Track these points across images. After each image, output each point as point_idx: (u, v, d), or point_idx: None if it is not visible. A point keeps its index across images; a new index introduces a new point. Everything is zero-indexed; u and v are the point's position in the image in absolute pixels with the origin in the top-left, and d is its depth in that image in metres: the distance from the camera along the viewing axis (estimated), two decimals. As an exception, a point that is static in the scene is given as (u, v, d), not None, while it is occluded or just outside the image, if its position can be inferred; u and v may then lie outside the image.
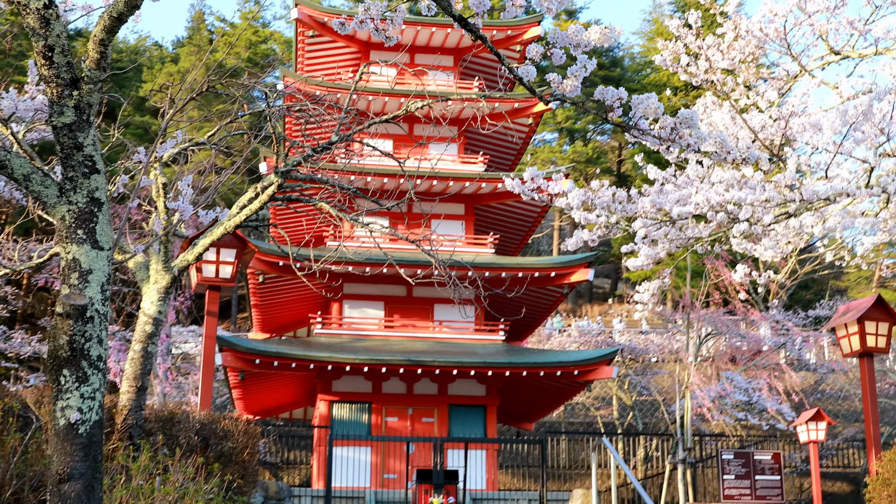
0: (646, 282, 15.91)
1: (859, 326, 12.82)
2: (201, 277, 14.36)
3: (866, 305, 12.87)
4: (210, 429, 11.70)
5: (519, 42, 35.50)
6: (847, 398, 46.67)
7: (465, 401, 31.63)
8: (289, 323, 36.36)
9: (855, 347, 12.92)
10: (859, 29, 15.10)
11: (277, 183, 10.19)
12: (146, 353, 11.76)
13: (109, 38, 6.09)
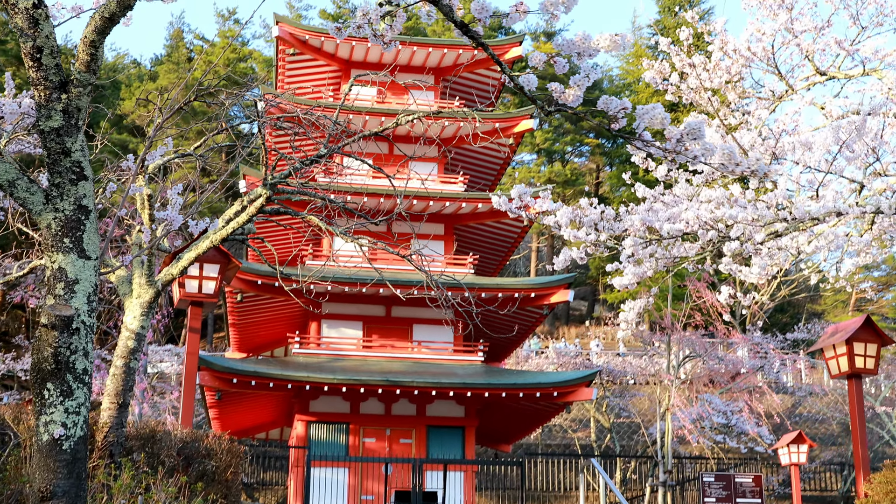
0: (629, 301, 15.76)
1: (848, 347, 12.72)
2: (184, 293, 14.07)
3: (855, 326, 12.76)
4: (192, 447, 11.46)
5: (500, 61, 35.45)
6: (824, 421, 46.70)
7: (444, 422, 31.39)
8: (266, 342, 36.07)
9: (843, 369, 12.81)
10: (847, 49, 15.06)
11: (266, 195, 9.98)
12: (128, 369, 11.50)
13: (101, 40, 5.90)
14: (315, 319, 32.28)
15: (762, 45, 15.01)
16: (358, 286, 30.71)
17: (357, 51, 35.06)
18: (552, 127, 70.97)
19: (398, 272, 32.44)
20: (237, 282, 29.70)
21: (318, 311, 32.18)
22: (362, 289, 30.97)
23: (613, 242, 12.70)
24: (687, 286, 30.79)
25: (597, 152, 73.22)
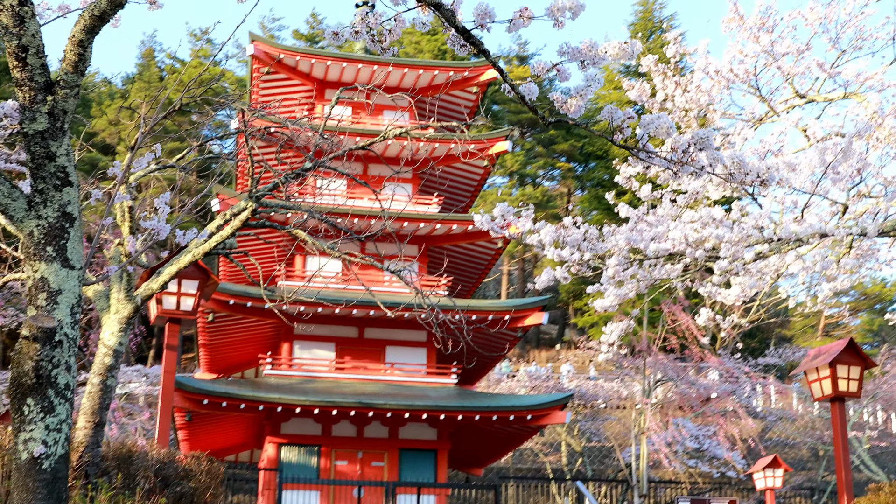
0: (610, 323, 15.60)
1: (831, 371, 12.60)
2: (161, 309, 13.77)
3: (838, 349, 12.64)
4: (170, 468, 11.17)
5: (475, 84, 35.39)
6: (794, 446, 46.74)
7: (417, 445, 31.11)
8: (237, 363, 35.68)
9: (826, 392, 12.68)
10: (828, 71, 15.05)
11: (251, 208, 9.76)
12: (105, 387, 11.22)
13: (89, 39, 5.68)
14: (287, 340, 31.97)
15: (744, 66, 14.98)
16: (332, 307, 30.43)
17: (332, 70, 34.91)
18: (524, 150, 71.06)
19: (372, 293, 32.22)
20: (209, 301, 29.37)
21: (291, 332, 31.88)
22: (335, 310, 30.69)
23: (597, 262, 12.55)
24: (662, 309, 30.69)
25: (568, 176, 73.29)
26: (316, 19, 76.11)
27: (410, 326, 32.56)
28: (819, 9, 15.50)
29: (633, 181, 14.00)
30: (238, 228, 9.71)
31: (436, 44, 70.43)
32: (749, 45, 14.90)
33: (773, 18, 15.18)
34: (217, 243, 9.71)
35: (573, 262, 12.32)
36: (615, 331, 14.92)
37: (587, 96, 5.56)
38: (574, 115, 5.67)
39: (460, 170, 35.89)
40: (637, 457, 32.05)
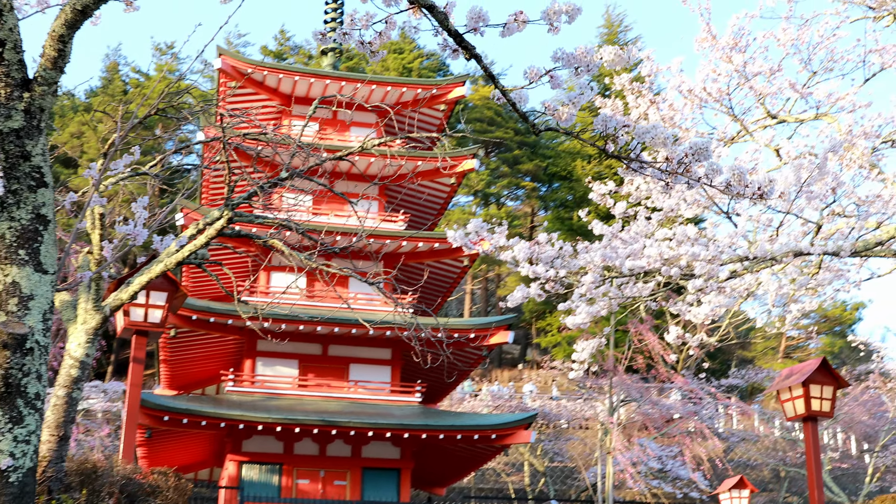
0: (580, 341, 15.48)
1: (804, 390, 12.54)
2: (129, 321, 13.44)
3: (811, 368, 12.58)
4: (136, 484, 10.89)
5: (443, 101, 35.32)
6: (755, 467, 46.82)
7: (379, 464, 30.85)
8: (199, 380, 35.30)
9: (799, 411, 12.61)
10: (800, 91, 15.06)
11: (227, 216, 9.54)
12: (70, 400, 10.93)
13: (70, 34, 5.47)
14: (250, 357, 31.64)
15: (717, 85, 14.94)
16: (296, 324, 30.18)
17: (300, 86, 34.72)
18: (489, 169, 71.14)
19: (336, 311, 31.99)
20: (171, 317, 29.01)
21: (254, 349, 31.57)
22: (299, 327, 30.44)
23: (572, 279, 12.44)
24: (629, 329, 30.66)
25: (532, 196, 73.41)
26: (284, 36, 75.88)
27: (375, 344, 32.37)
28: (791, 30, 15.51)
29: (608, 198, 13.93)
30: (213, 237, 9.49)
31: (402, 61, 70.46)
32: (722, 65, 14.88)
33: (746, 39, 15.17)
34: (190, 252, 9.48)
35: (547, 278, 12.19)
36: (587, 348, 14.83)
37: (580, 104, 5.43)
38: (565, 123, 5.54)
39: (427, 187, 35.79)
40: (601, 476, 31.92)
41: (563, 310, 14.25)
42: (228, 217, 9.47)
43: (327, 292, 33.10)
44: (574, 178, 70.49)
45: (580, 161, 70.42)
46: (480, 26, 5.02)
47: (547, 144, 76.32)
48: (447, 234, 12.84)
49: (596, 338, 14.76)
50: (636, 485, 33.99)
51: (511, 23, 5.01)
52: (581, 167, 70.10)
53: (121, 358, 55.50)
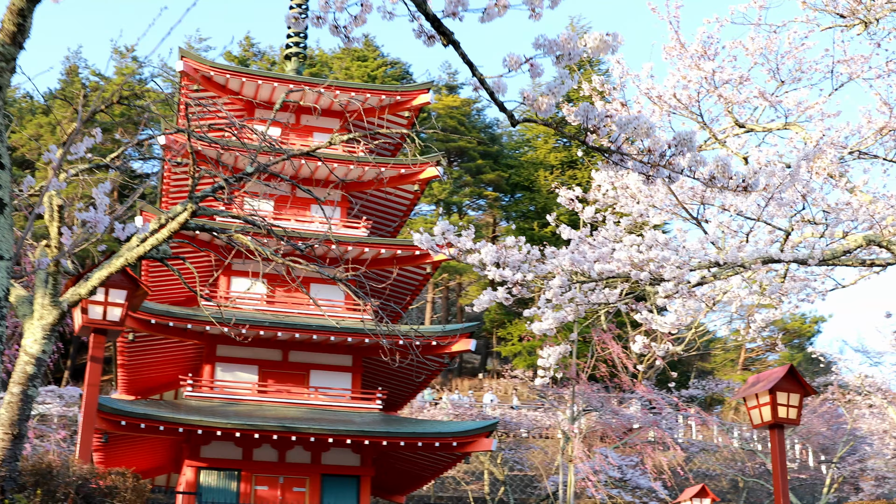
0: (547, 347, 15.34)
1: (771, 397, 12.46)
2: (87, 319, 13.09)
3: (778, 376, 12.51)
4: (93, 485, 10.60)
5: (407, 108, 35.14)
6: (714, 478, 46.96)
7: (339, 471, 30.58)
8: (157, 385, 34.84)
9: (766, 418, 12.54)
10: (769, 100, 15.03)
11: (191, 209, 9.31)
12: (26, 397, 10.61)
13: (31, 8, 5.25)
14: (209, 362, 31.29)
15: (687, 92, 14.88)
16: (257, 329, 29.88)
17: (262, 90, 34.43)
18: (452, 179, 71.08)
19: (296, 316, 31.74)
20: (129, 320, 28.63)
21: (213, 354, 31.23)
22: (259, 332, 30.14)
23: (539, 283, 12.30)
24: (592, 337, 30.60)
25: (494, 206, 73.46)
26: (248, 41, 75.46)
27: (336, 350, 32.11)
28: (760, 39, 15.49)
29: (576, 202, 13.83)
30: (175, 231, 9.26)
31: (365, 69, 70.31)
32: (691, 72, 14.82)
33: (715, 47, 15.13)
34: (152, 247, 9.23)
35: (514, 282, 12.04)
36: (553, 355, 14.68)
37: (560, 94, 5.29)
38: (544, 113, 5.39)
39: (390, 194, 35.60)
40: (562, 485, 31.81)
41: (528, 316, 14.12)
42: (192, 210, 9.24)
43: (288, 298, 32.84)
44: (536, 189, 70.62)
45: (543, 172, 70.55)
46: (459, 11, 4.87)
47: (510, 154, 76.45)
48: (414, 237, 12.66)
49: (562, 344, 14.63)
50: (597, 493, 33.93)
51: (491, 7, 4.85)
52: (544, 178, 70.22)
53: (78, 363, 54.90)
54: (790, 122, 15.07)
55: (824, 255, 12.76)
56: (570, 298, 13.20)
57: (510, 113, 5.48)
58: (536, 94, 5.27)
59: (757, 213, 11.70)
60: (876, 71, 15.70)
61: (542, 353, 14.74)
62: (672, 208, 13.53)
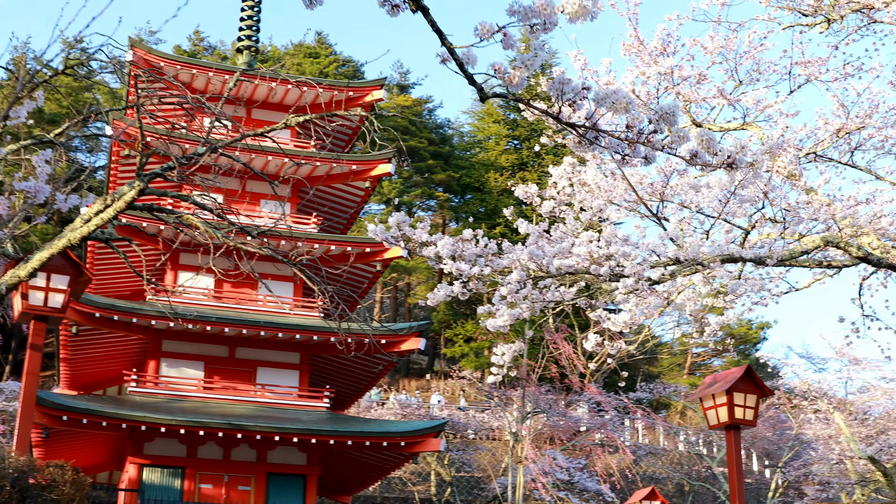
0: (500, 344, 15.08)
1: (728, 398, 12.30)
2: (27, 305, 12.56)
3: (735, 376, 12.35)
4: (30, 478, 10.18)
5: (360, 104, 34.81)
6: (660, 481, 47.02)
7: (285, 469, 30.17)
8: (100, 380, 34.21)
9: (723, 419, 12.37)
10: (728, 98, 14.90)
11: (139, 188, 8.94)
12: (-38, 385, 10.21)
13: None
14: (154, 358, 30.74)
15: (646, 88, 14.71)
16: (203, 324, 29.41)
17: (213, 83, 33.94)
18: (402, 178, 70.80)
19: (244, 312, 31.31)
20: (73, 313, 28.05)
21: (158, 349, 30.69)
22: (206, 327, 29.67)
23: (498, 277, 12.06)
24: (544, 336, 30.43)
25: (445, 206, 73.24)
26: (198, 36, 74.69)
27: (283, 348, 31.71)
28: (719, 38, 15.36)
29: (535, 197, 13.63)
30: (122, 210, 8.89)
31: (318, 66, 69.86)
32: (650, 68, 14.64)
33: (674, 45, 14.98)
34: (97, 227, 8.85)
35: (470, 276, 11.79)
36: (507, 353, 14.44)
37: (533, 67, 5.03)
38: (515, 88, 5.13)
39: (341, 190, 35.24)
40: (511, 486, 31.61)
41: (482, 313, 13.86)
42: (140, 188, 8.87)
43: (236, 294, 32.39)
44: (487, 191, 70.50)
45: (494, 173, 70.45)
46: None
47: (461, 156, 76.29)
48: (368, 228, 12.38)
49: (517, 342, 14.39)
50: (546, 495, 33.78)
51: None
52: (494, 179, 70.11)
53: (20, 358, 53.89)
54: (748, 121, 14.96)
55: (783, 256, 12.63)
56: (525, 295, 12.97)
57: (480, 86, 5.22)
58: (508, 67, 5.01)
59: (718, 209, 11.53)
60: (833, 73, 15.67)
61: (497, 350, 14.49)
62: (631, 205, 13.36)
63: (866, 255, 13.35)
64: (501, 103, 77.00)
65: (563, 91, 5.03)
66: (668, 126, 5.19)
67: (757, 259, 12.12)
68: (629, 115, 5.20)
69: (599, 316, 15.09)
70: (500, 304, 13.32)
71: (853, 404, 41.62)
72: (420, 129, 75.23)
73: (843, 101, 15.63)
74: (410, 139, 71.47)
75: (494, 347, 14.68)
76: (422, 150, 71.10)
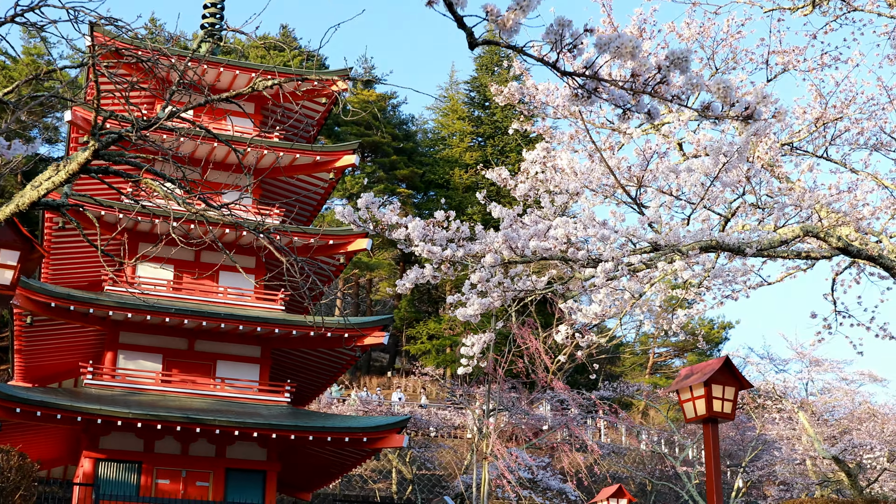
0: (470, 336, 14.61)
1: (706, 390, 11.88)
2: (-27, 283, 11.91)
3: (713, 368, 11.95)
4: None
5: (324, 95, 34.23)
6: (623, 480, 46.78)
7: (245, 465, 29.58)
8: (56, 372, 33.41)
9: (700, 412, 11.94)
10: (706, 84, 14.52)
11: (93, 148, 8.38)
12: None
13: None
14: (111, 349, 30.02)
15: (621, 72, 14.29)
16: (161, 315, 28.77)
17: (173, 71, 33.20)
18: (365, 174, 70.23)
19: (203, 304, 30.69)
20: (28, 303, 27.34)
21: (116, 341, 29.99)
22: (165, 319, 29.01)
23: (470, 261, 11.60)
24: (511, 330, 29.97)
25: (408, 202, 72.66)
26: (155, 24, 73.72)
27: (244, 341, 31.11)
28: (696, 25, 15.01)
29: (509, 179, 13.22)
30: (76, 173, 8.34)
31: (282, 59, 69.10)
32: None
33: (651, 31, 14.61)
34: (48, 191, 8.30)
35: (442, 259, 11.33)
36: (477, 343, 13.98)
37: (530, 8, 4.57)
38: (509, 33, 4.68)
39: (304, 182, 34.66)
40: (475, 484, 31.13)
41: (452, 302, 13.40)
42: (94, 149, 8.31)
43: (196, 286, 31.75)
44: (451, 188, 70.02)
45: (458, 170, 70.02)
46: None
47: (424, 152, 75.83)
48: (336, 209, 11.90)
49: (488, 331, 13.95)
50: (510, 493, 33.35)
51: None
52: (459, 176, 69.66)
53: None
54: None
55: (761, 245, 12.27)
56: (496, 283, 12.53)
57: (470, 30, 4.76)
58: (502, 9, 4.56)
59: (699, 194, 11.13)
60: (810, 63, 15.37)
61: (466, 341, 14.02)
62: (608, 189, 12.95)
63: (846, 245, 13.03)
64: (466, 100, 76.61)
65: (561, 36, 4.58)
66: (680, 72, 4.77)
67: (737, 247, 11.74)
68: (635, 61, 4.77)
69: (570, 307, 14.69)
70: (471, 294, 12.89)
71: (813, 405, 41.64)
72: (384, 124, 74.70)
73: (820, 90, 15.35)
74: (374, 134, 70.96)
75: (464, 339, 14.23)
76: (385, 146, 70.58)
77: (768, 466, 43.52)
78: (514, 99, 15.08)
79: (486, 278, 12.36)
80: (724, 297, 15.33)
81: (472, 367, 13.99)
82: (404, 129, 78.74)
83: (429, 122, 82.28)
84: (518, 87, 14.66)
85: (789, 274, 15.93)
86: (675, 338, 72.47)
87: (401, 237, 11.76)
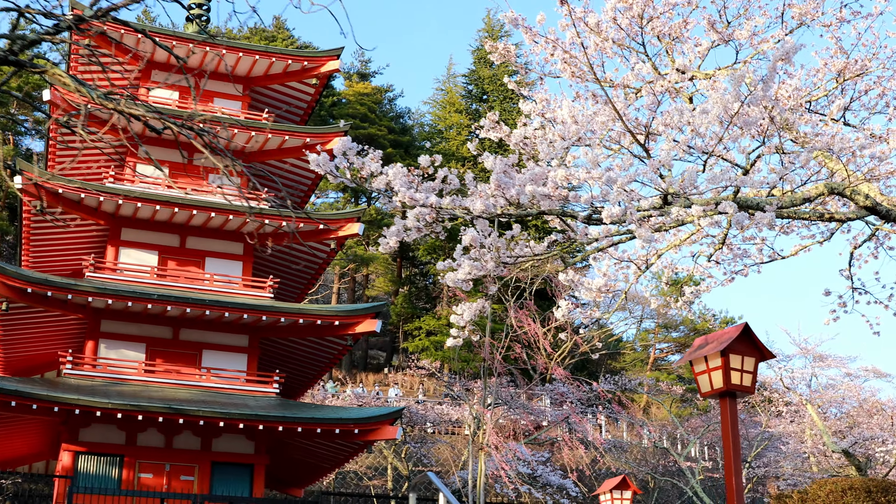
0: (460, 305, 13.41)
1: (723, 360, 10.65)
2: None
3: (731, 336, 10.71)
4: None
5: (315, 75, 33.05)
6: (623, 477, 45.72)
7: (231, 458, 28.37)
8: (37, 364, 32.17)
9: (717, 385, 10.71)
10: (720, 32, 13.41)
11: None
12: None
13: None
14: (92, 338, 28.80)
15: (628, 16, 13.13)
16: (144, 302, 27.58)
17: (159, 51, 32.09)
18: (360, 167, 69.16)
19: (188, 291, 29.51)
20: (3, 288, 26.13)
21: (97, 329, 28.77)
22: (148, 306, 27.81)
23: (462, 211, 10.41)
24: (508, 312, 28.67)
25: (405, 196, 71.66)
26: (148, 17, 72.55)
27: (231, 330, 29.92)
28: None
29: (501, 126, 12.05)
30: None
31: (275, 49, 68.07)
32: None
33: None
34: None
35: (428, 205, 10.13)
36: (468, 311, 12.77)
37: None
38: None
39: (295, 166, 33.52)
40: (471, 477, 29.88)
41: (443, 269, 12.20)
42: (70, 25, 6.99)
43: (181, 272, 30.56)
44: (447, 181, 68.98)
45: (455, 164, 68.92)
46: None
47: (421, 146, 74.76)
48: (310, 158, 10.68)
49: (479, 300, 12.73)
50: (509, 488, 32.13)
51: None
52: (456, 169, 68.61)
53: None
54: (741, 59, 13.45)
55: (783, 202, 11.10)
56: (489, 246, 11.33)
57: None
58: None
59: (716, 138, 9.93)
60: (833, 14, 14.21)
61: (457, 310, 12.82)
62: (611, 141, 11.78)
63: (874, 204, 11.85)
64: (464, 93, 75.42)
65: None
66: None
67: (756, 204, 10.55)
68: None
69: (571, 279, 13.52)
70: (461, 258, 11.73)
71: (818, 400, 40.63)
72: (380, 117, 73.71)
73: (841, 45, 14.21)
74: (369, 127, 69.93)
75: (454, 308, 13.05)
76: (381, 139, 69.49)
77: (773, 463, 42.46)
78: (511, 56, 13.97)
79: (478, 240, 11.19)
80: (734, 273, 14.20)
81: (465, 366, 12.79)
82: (400, 122, 77.77)
83: (426, 116, 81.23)
84: (514, 46, 13.61)
85: (804, 247, 14.74)
86: (676, 333, 71.42)
87: (381, 186, 10.56)
